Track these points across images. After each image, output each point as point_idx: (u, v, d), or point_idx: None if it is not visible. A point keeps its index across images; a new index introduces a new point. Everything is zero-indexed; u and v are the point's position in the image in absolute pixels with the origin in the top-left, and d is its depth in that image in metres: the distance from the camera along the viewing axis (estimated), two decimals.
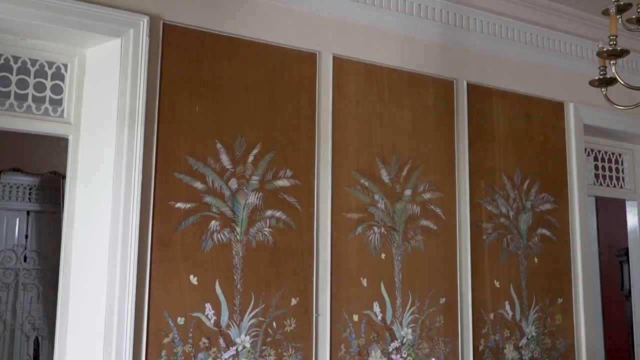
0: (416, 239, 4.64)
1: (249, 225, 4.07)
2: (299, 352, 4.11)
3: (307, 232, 4.25)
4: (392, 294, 4.49)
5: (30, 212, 9.06)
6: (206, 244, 3.93)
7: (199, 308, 3.86)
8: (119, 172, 3.73)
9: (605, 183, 6.05)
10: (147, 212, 3.79)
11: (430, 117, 4.85)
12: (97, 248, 3.71)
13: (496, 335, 4.88)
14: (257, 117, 4.20)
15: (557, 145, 5.44)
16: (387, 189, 4.59)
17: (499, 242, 5.00)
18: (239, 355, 3.94)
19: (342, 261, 4.34)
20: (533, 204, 5.22)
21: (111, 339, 3.60)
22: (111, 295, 3.63)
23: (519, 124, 5.26)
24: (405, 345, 4.49)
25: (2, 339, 8.57)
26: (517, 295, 5.02)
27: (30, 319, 8.71)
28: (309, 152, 4.34)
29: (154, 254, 3.78)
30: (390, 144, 4.65)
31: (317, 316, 4.20)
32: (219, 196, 4.01)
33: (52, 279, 8.61)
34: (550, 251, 5.25)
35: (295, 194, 4.25)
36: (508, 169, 5.14)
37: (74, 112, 3.88)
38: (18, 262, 8.79)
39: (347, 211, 4.42)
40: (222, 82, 4.12)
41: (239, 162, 4.11)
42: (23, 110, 3.79)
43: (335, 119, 4.46)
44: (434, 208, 4.75)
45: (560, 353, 5.15)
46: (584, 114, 5.54)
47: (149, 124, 3.85)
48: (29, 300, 8.78)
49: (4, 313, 8.64)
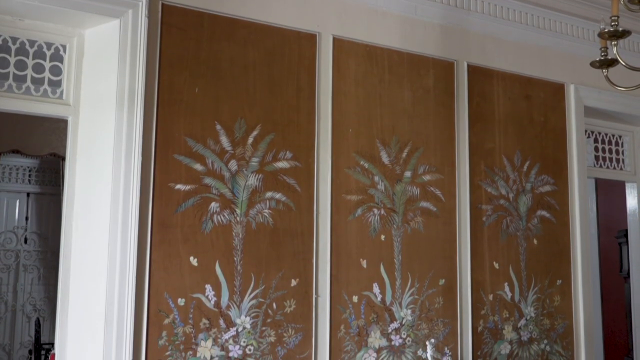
0: (416, 220, 4.65)
1: (249, 207, 4.08)
2: (298, 333, 4.13)
3: (307, 213, 4.25)
4: (391, 275, 4.51)
5: (30, 193, 9.07)
6: (206, 226, 3.94)
7: (199, 289, 3.88)
8: (118, 153, 3.73)
9: (605, 165, 6.05)
10: (147, 193, 3.79)
11: (430, 99, 4.84)
12: (97, 230, 3.72)
13: (495, 316, 4.90)
14: (256, 99, 4.19)
15: (558, 127, 5.43)
16: (387, 171, 4.59)
17: (498, 223, 5.01)
18: (239, 335, 3.96)
19: (341, 243, 4.36)
20: (533, 186, 5.22)
21: (112, 320, 3.62)
22: (112, 277, 3.65)
23: (520, 106, 5.25)
24: (404, 326, 4.52)
25: (4, 320, 8.63)
26: (516, 276, 5.04)
27: (31, 300, 8.76)
28: (309, 133, 4.33)
29: (154, 236, 3.79)
30: (390, 125, 4.65)
31: (316, 297, 4.22)
32: (219, 178, 4.01)
33: (52, 261, 8.65)
34: (550, 233, 5.26)
35: (295, 175, 4.25)
36: (508, 150, 5.14)
37: (73, 93, 3.87)
38: (18, 243, 8.82)
39: (347, 193, 4.42)
40: (222, 63, 4.11)
41: (239, 143, 4.10)
42: (22, 92, 3.78)
43: (335, 100, 4.45)
44: (433, 190, 4.75)
45: (559, 334, 5.18)
46: (585, 95, 5.53)
47: (148, 106, 3.84)
48: (30, 281, 8.82)
49: (5, 294, 8.68)
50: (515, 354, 4.95)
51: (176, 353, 3.78)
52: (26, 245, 8.87)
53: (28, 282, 8.81)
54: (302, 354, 4.13)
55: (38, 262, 8.89)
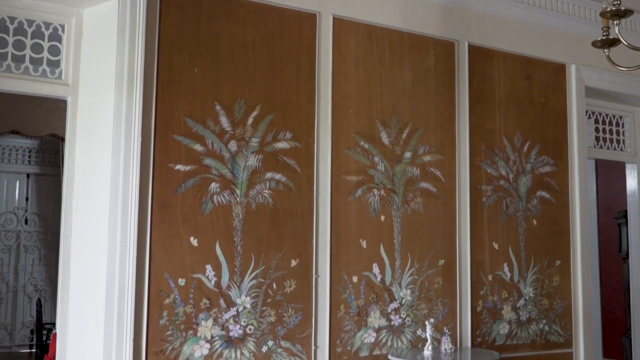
0: (416, 201, 4.65)
1: (249, 188, 4.08)
2: (298, 313, 4.15)
3: (306, 194, 4.26)
4: (391, 255, 4.52)
5: (30, 174, 9.08)
6: (206, 206, 3.94)
7: (200, 269, 3.89)
8: (118, 134, 3.72)
9: (605, 146, 6.04)
10: (147, 174, 3.79)
11: (430, 79, 4.82)
12: (97, 210, 3.72)
13: (494, 296, 4.93)
14: (256, 79, 4.17)
15: (558, 108, 5.42)
16: (387, 151, 4.58)
17: (498, 204, 5.02)
18: (240, 315, 3.98)
19: (341, 223, 4.36)
20: (533, 167, 5.22)
21: (113, 300, 3.63)
22: (112, 257, 3.66)
23: (520, 86, 5.23)
24: (404, 306, 4.54)
25: (5, 301, 8.67)
26: (515, 257, 5.06)
27: (32, 281, 8.80)
28: (309, 113, 4.32)
29: (154, 216, 3.79)
30: (391, 105, 4.63)
31: (316, 277, 4.24)
32: (219, 158, 4.01)
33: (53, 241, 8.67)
34: (549, 213, 5.27)
35: (295, 156, 4.24)
36: (508, 131, 5.13)
37: (72, 73, 3.85)
38: (19, 224, 8.84)
39: (347, 173, 4.42)
40: (221, 43, 4.08)
41: (239, 124, 4.09)
42: (21, 72, 3.77)
43: (335, 80, 4.43)
44: (433, 170, 4.75)
45: (557, 314, 5.21)
46: (586, 75, 5.51)
47: (148, 86, 3.83)
48: (31, 262, 8.86)
49: (6, 275, 8.72)
50: (514, 334, 4.98)
51: (177, 333, 3.80)
52: (27, 226, 8.89)
53: (29, 263, 8.85)
54: (302, 333, 4.15)
55: (39, 242, 8.92)
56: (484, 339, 4.83)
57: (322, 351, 4.20)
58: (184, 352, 3.81)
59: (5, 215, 8.77)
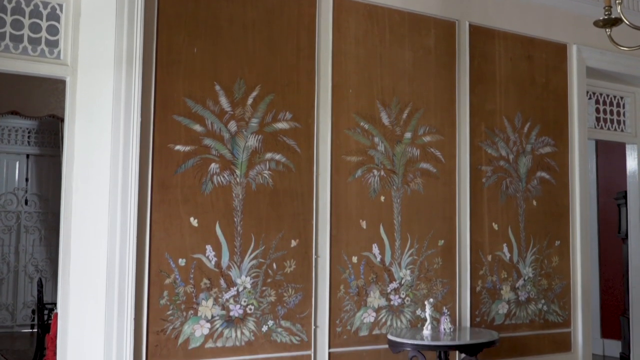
0: (416, 181, 4.65)
1: (249, 168, 4.07)
2: (298, 293, 4.17)
3: (306, 174, 4.26)
4: (391, 236, 4.53)
5: (29, 155, 9.07)
6: (206, 187, 3.94)
7: (200, 249, 3.90)
8: (117, 115, 3.71)
9: (605, 126, 6.02)
10: (147, 154, 3.79)
11: (431, 59, 4.79)
12: (97, 191, 3.72)
13: (493, 276, 4.94)
14: (256, 58, 4.15)
15: (559, 88, 5.40)
16: (387, 132, 4.57)
17: (498, 184, 5.02)
18: (240, 295, 4.00)
19: (341, 204, 4.37)
20: (533, 147, 5.21)
21: (113, 280, 3.65)
22: (112, 237, 3.67)
23: (521, 66, 5.21)
24: (403, 286, 4.55)
25: (6, 281, 8.71)
26: (515, 237, 5.07)
27: (33, 261, 8.83)
28: (309, 93, 4.30)
29: (154, 196, 3.80)
30: (391, 86, 4.62)
31: (316, 258, 4.25)
32: (219, 139, 4.00)
33: (53, 222, 8.69)
34: (549, 194, 5.27)
35: (295, 136, 4.24)
36: (509, 111, 5.12)
37: (71, 53, 3.83)
38: (19, 205, 8.85)
39: (347, 154, 4.41)
40: (221, 23, 4.06)
41: (238, 104, 4.08)
42: (19, 52, 3.74)
43: (335, 60, 4.41)
44: (433, 151, 4.74)
45: (556, 294, 5.23)
46: (587, 56, 5.48)
47: (147, 66, 3.81)
48: (32, 242, 8.88)
49: (7, 255, 8.75)
50: (512, 314, 5.00)
51: (177, 312, 3.82)
52: (27, 206, 8.91)
53: (29, 244, 8.87)
54: (302, 313, 4.17)
55: (39, 223, 8.94)
56: (483, 319, 4.86)
57: (322, 331, 4.23)
58: (185, 332, 3.83)
59: (5, 196, 8.78)
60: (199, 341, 3.87)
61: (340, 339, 4.30)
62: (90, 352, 3.65)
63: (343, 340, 4.31)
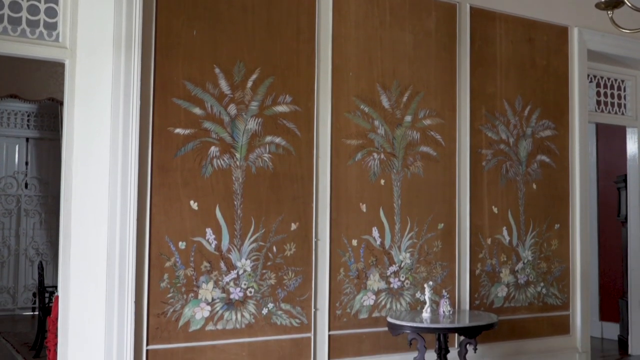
0: (416, 165, 4.65)
1: (249, 151, 4.07)
2: (298, 276, 4.18)
3: (306, 158, 4.25)
4: (391, 219, 4.54)
5: (29, 138, 9.05)
6: (206, 170, 3.94)
7: (200, 233, 3.91)
8: (116, 98, 3.70)
9: (606, 110, 6.01)
10: (146, 137, 3.79)
11: (431, 42, 4.77)
12: (97, 174, 3.72)
13: (493, 259, 4.96)
14: (255, 41, 4.13)
15: (560, 71, 5.38)
16: (387, 115, 4.56)
17: (498, 168, 5.02)
18: (240, 278, 4.01)
19: (341, 187, 4.37)
20: (533, 131, 5.20)
21: (114, 263, 3.66)
22: (112, 221, 3.67)
23: (522, 49, 5.18)
24: (403, 269, 4.57)
25: (7, 264, 8.73)
26: (514, 220, 5.07)
27: (33, 245, 8.84)
28: (309, 77, 4.29)
29: (154, 180, 3.80)
30: (391, 69, 4.60)
31: (316, 241, 4.26)
32: (218, 122, 3.99)
33: (53, 205, 8.69)
34: (549, 177, 5.27)
35: (295, 119, 4.23)
36: (509, 94, 5.10)
37: (70, 36, 3.80)
38: (19, 188, 8.85)
39: (347, 137, 4.41)
40: (220, 5, 4.03)
41: (238, 87, 4.07)
42: (17, 35, 3.72)
43: (335, 43, 4.39)
44: (434, 134, 4.73)
45: (555, 277, 5.25)
46: (588, 38, 5.45)
47: (146, 49, 3.80)
48: (32, 226, 8.89)
49: (8, 239, 8.76)
50: (512, 297, 5.02)
51: (178, 295, 3.83)
52: (27, 190, 8.91)
53: (30, 227, 8.88)
54: (302, 296, 4.19)
55: (39, 206, 8.94)
56: (482, 302, 4.88)
57: (322, 313, 4.25)
58: (185, 314, 3.85)
59: (5, 180, 8.77)
60: (199, 324, 3.89)
61: (340, 322, 4.32)
62: (91, 334, 3.67)
63: (343, 323, 4.33)
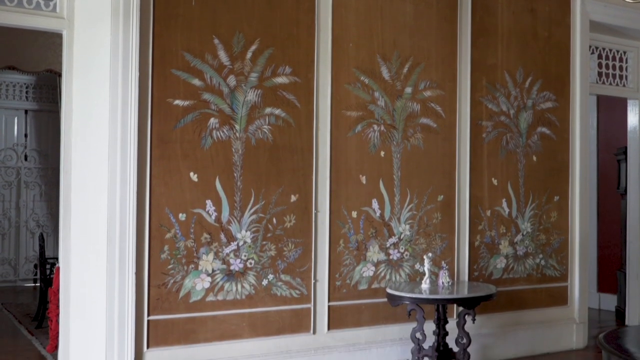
0: (416, 136, 4.64)
1: (248, 123, 4.06)
2: (298, 247, 4.20)
3: (306, 129, 4.24)
4: (390, 191, 4.54)
5: (28, 110, 9.01)
6: (205, 142, 3.93)
7: (200, 204, 3.92)
8: (115, 69, 3.68)
9: (607, 81, 5.97)
10: (145, 109, 3.77)
11: (432, 12, 4.72)
12: (96, 146, 3.71)
13: (492, 231, 4.97)
14: (255, 11, 4.09)
15: (561, 42, 5.33)
16: (388, 87, 4.54)
17: (498, 140, 5.00)
18: (240, 250, 4.03)
19: (341, 159, 4.36)
20: (534, 102, 5.18)
21: (114, 235, 3.67)
22: (112, 192, 3.68)
23: (524, 20, 5.14)
24: (402, 240, 4.58)
25: (8, 236, 8.75)
26: (514, 192, 5.08)
27: (34, 217, 8.86)
28: (309, 48, 4.26)
29: (153, 151, 3.79)
30: (391, 39, 4.56)
31: (316, 212, 4.27)
32: (218, 93, 3.97)
33: (53, 177, 8.68)
34: (549, 150, 5.26)
35: (295, 91, 4.21)
36: (510, 66, 5.07)
37: (67, 6, 3.77)
38: (19, 160, 8.84)
39: (347, 109, 4.39)
40: None
41: (237, 58, 4.04)
42: (14, 4, 3.68)
43: (335, 13, 4.34)
44: (434, 106, 4.71)
45: (554, 249, 5.27)
46: (591, 9, 5.40)
47: (145, 20, 3.76)
48: (32, 198, 8.90)
49: (8, 211, 8.77)
50: (510, 268, 5.05)
51: (178, 266, 3.85)
52: (26, 162, 8.89)
53: (30, 199, 8.89)
54: (302, 267, 4.21)
55: (39, 179, 8.94)
56: (481, 273, 4.90)
57: (322, 284, 4.27)
58: (186, 285, 3.87)
59: (4, 152, 8.76)
60: (199, 295, 3.91)
61: (340, 293, 4.34)
62: (92, 305, 3.69)
63: (342, 294, 4.35)
